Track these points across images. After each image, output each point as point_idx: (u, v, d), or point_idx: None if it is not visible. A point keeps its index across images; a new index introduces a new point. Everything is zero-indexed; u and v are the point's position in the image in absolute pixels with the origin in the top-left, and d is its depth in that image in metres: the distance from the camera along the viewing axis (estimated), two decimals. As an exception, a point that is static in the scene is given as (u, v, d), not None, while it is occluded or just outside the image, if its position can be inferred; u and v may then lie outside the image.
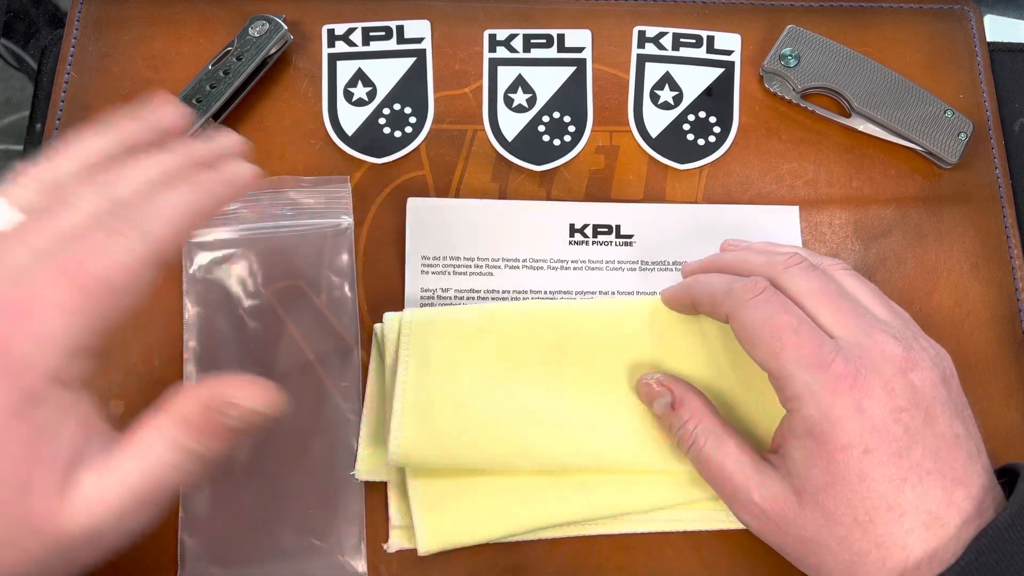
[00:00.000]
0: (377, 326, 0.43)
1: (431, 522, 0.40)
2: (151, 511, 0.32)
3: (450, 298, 0.46)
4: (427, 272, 0.46)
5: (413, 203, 0.47)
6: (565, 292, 0.46)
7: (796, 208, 0.49)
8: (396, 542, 0.41)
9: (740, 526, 0.41)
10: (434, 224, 0.47)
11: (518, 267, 0.47)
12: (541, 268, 0.47)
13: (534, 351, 0.42)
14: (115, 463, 0.31)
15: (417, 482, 0.41)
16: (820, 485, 0.35)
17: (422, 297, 0.46)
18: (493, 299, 0.46)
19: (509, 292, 0.46)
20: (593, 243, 0.47)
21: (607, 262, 0.47)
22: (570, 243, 0.47)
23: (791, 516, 0.36)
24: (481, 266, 0.47)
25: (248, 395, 0.33)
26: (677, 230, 0.48)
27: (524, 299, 0.46)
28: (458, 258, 0.47)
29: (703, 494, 0.41)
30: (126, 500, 0.30)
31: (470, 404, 0.41)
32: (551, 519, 0.41)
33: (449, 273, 0.46)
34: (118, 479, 0.30)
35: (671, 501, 0.41)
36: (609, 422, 0.41)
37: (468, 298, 0.46)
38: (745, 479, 0.37)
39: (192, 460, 0.32)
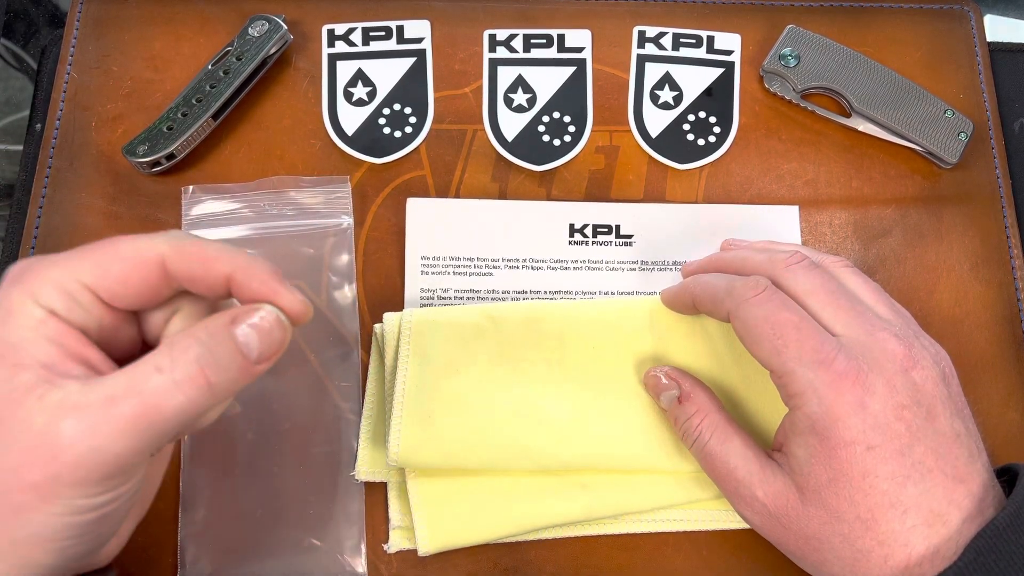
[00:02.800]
0: (377, 326, 0.43)
1: (431, 522, 0.40)
2: (132, 430, 0.29)
3: (450, 298, 0.46)
4: (427, 272, 0.46)
5: (413, 203, 0.47)
6: (565, 292, 0.46)
7: (796, 208, 0.49)
8: (396, 542, 0.41)
9: (741, 526, 0.41)
10: (434, 224, 0.47)
11: (518, 267, 0.47)
12: (541, 268, 0.47)
13: (534, 351, 0.42)
14: (110, 376, 0.29)
15: (417, 482, 0.41)
16: (823, 482, 0.35)
17: (422, 297, 0.46)
18: (493, 299, 0.46)
19: (509, 292, 0.46)
20: (593, 243, 0.47)
21: (607, 262, 0.47)
22: (570, 243, 0.47)
23: (794, 513, 0.36)
24: (481, 266, 0.47)
25: (266, 308, 0.32)
26: (677, 230, 0.48)
27: (524, 299, 0.46)
28: (458, 258, 0.47)
29: (705, 494, 0.41)
30: (98, 405, 0.28)
31: (470, 404, 0.41)
32: (552, 519, 0.41)
33: (449, 273, 0.46)
34: (102, 382, 0.29)
35: (673, 501, 0.41)
36: (610, 421, 0.41)
37: (468, 298, 0.46)
38: (748, 475, 0.37)
39: (188, 370, 0.29)
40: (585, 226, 0.47)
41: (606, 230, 0.48)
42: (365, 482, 0.42)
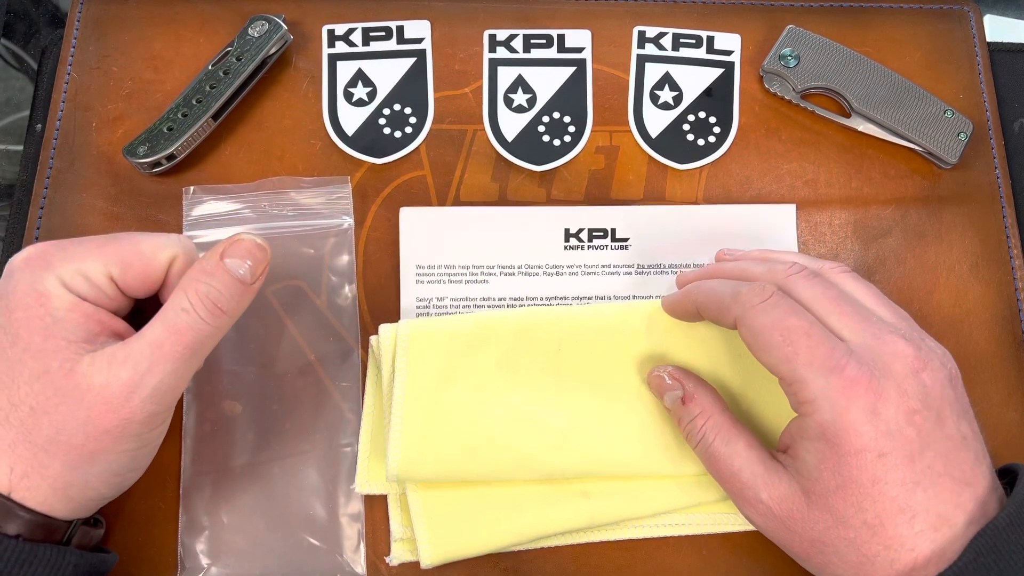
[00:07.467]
0: (373, 338, 0.43)
1: (433, 534, 0.40)
2: (179, 361, 0.36)
3: (446, 307, 0.46)
4: (422, 281, 0.46)
5: (406, 212, 0.47)
6: (561, 298, 0.46)
7: (792, 206, 0.48)
8: (398, 555, 0.41)
9: (744, 528, 0.41)
10: (427, 233, 0.47)
11: (513, 274, 0.47)
12: (537, 274, 0.47)
13: (531, 359, 0.42)
14: (142, 331, 0.36)
15: (417, 495, 0.40)
16: (831, 487, 0.35)
17: (418, 307, 0.45)
18: (489, 307, 0.46)
19: (505, 299, 0.46)
20: (589, 247, 0.47)
21: (603, 266, 0.47)
22: (565, 248, 0.47)
23: (798, 516, 0.36)
24: (476, 274, 0.46)
25: (242, 238, 0.39)
26: (672, 232, 0.47)
27: (520, 306, 0.46)
28: (453, 266, 0.46)
29: (707, 496, 0.41)
30: (146, 351, 0.35)
31: (468, 417, 0.40)
32: (555, 528, 0.41)
33: (444, 282, 0.46)
34: (140, 337, 0.36)
35: (675, 505, 0.41)
36: (610, 427, 0.41)
37: (464, 306, 0.46)
38: (753, 478, 0.37)
39: (205, 304, 0.36)
40: (581, 230, 0.47)
41: (602, 234, 0.47)
42: (365, 482, 0.42)
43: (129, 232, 0.39)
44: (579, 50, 0.51)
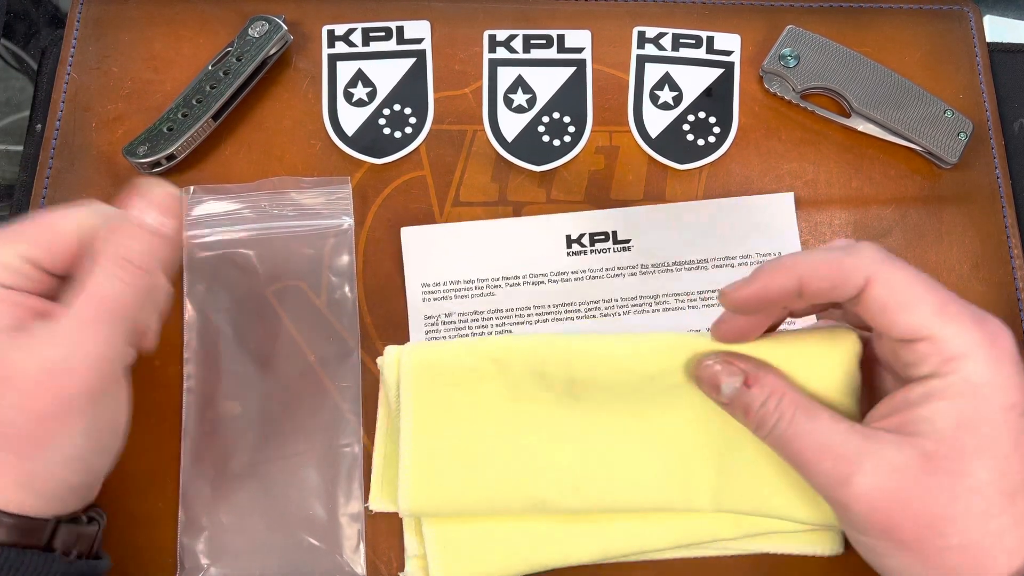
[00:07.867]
0: (379, 360, 0.42)
1: (446, 562, 0.40)
2: (108, 329, 0.34)
3: (454, 322, 0.45)
4: (428, 299, 0.46)
5: (407, 232, 0.47)
6: (568, 304, 0.46)
7: (791, 195, 0.48)
8: (412, 571, 0.41)
9: (757, 551, 0.40)
10: (430, 251, 0.46)
11: (519, 284, 0.46)
12: (542, 282, 0.46)
13: (542, 396, 0.40)
14: (65, 306, 0.34)
15: (432, 526, 0.40)
16: (968, 449, 0.31)
17: (426, 324, 0.45)
18: (497, 319, 0.46)
19: (513, 310, 0.46)
20: (592, 252, 0.47)
21: (607, 269, 0.47)
22: (568, 254, 0.47)
23: (915, 486, 0.32)
24: (482, 287, 0.46)
25: (146, 188, 0.37)
26: (673, 229, 0.47)
27: (529, 315, 0.46)
28: (458, 281, 0.46)
29: (723, 529, 0.40)
30: (72, 326, 0.34)
31: (478, 459, 0.39)
32: (568, 560, 0.40)
33: (451, 298, 0.46)
34: (64, 313, 0.34)
35: (692, 539, 0.40)
36: (626, 467, 0.40)
37: (472, 320, 0.46)
38: (850, 449, 0.32)
39: (119, 264, 0.35)
40: (582, 235, 0.47)
41: (603, 237, 0.47)
42: (364, 481, 0.42)
43: (40, 211, 0.37)
44: (579, 50, 0.51)
